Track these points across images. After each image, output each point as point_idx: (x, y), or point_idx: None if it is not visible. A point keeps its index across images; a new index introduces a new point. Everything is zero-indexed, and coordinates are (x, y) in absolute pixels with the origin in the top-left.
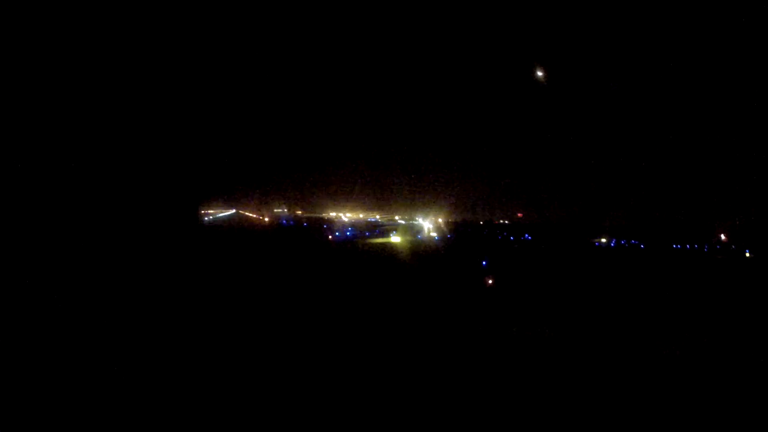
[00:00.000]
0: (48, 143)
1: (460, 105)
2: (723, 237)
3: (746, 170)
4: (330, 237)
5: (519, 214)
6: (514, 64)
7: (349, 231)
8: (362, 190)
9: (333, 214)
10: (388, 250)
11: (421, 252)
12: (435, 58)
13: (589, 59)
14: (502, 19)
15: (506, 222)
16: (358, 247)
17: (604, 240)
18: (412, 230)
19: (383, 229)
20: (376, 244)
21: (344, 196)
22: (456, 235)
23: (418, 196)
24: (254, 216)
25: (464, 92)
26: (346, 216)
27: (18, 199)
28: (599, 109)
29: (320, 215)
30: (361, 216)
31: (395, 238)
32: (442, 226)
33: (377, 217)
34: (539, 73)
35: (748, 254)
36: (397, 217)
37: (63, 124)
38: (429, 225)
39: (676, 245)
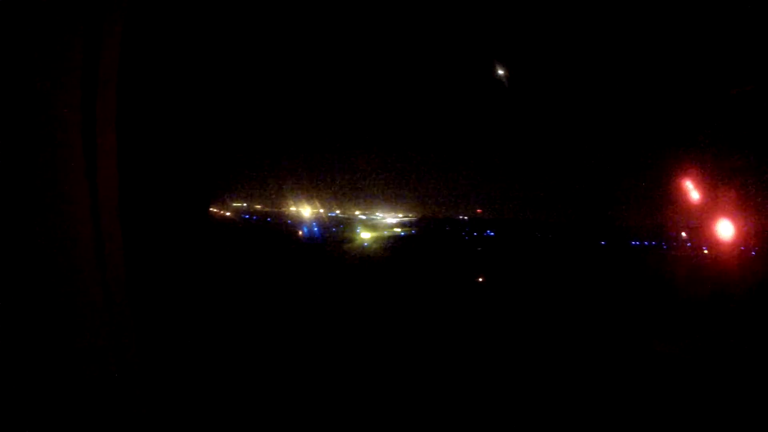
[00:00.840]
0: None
1: (421, 100)
2: (684, 235)
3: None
4: (300, 233)
5: (478, 210)
6: (477, 60)
7: (315, 227)
8: (321, 185)
9: (293, 209)
10: (361, 245)
11: (394, 247)
12: (395, 51)
13: (547, 56)
14: (461, 16)
15: (466, 218)
16: (330, 242)
17: (565, 237)
18: (377, 225)
19: (349, 225)
20: (348, 239)
21: (303, 191)
22: (421, 231)
23: (377, 192)
24: (215, 210)
25: (426, 88)
26: (306, 211)
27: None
28: (559, 107)
29: (279, 210)
30: (321, 211)
31: (365, 234)
32: (404, 221)
33: (337, 212)
34: (500, 72)
35: (706, 251)
36: (357, 212)
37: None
38: (392, 220)
39: (635, 242)
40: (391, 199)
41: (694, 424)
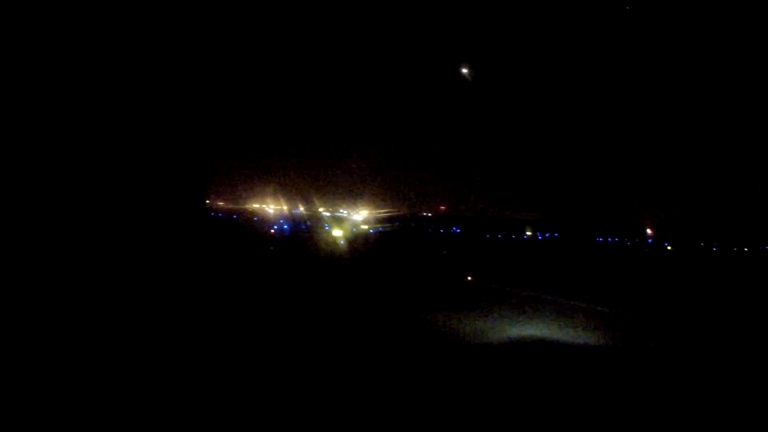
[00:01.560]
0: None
1: (383, 97)
2: (649, 231)
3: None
4: (272, 230)
5: (442, 207)
6: (441, 56)
7: (284, 224)
8: (283, 181)
9: (256, 206)
10: (337, 242)
11: (371, 244)
12: (360, 49)
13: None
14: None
15: (430, 215)
16: (303, 239)
17: (529, 233)
18: (346, 222)
19: (317, 222)
20: (322, 236)
21: (265, 187)
22: (389, 228)
23: (340, 189)
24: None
25: (388, 84)
26: (270, 208)
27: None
28: (522, 102)
29: (243, 207)
30: (284, 208)
31: (336, 232)
32: (370, 218)
33: (301, 208)
34: (464, 70)
35: (669, 247)
36: (321, 209)
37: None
38: (358, 217)
39: (599, 238)
40: (355, 196)
41: (692, 422)
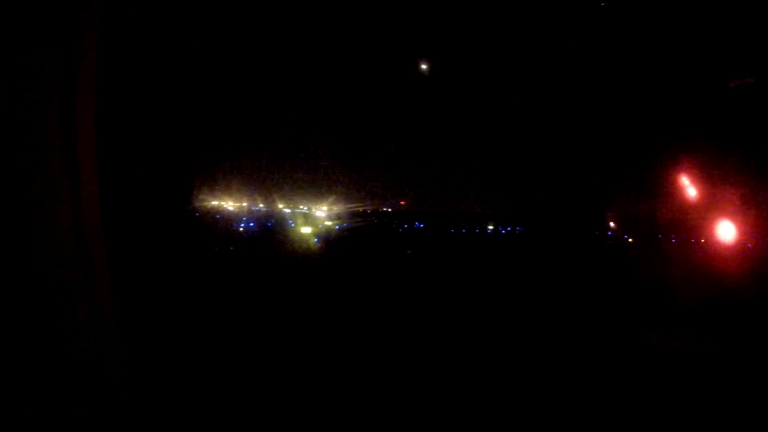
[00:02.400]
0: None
1: (343, 94)
2: (612, 224)
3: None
4: (241, 228)
5: (402, 202)
6: (403, 53)
7: (249, 222)
8: (241, 178)
9: (214, 203)
10: (309, 240)
11: (345, 241)
12: (320, 48)
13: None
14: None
15: (390, 210)
16: (276, 238)
17: (491, 227)
18: (311, 219)
19: (282, 219)
20: (291, 234)
21: (224, 184)
22: (352, 224)
23: (298, 185)
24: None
25: (348, 79)
26: (229, 205)
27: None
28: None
29: (203, 204)
30: (244, 205)
31: (305, 229)
32: (333, 215)
33: (261, 205)
34: (423, 66)
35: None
36: (281, 206)
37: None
38: (321, 214)
39: (563, 233)
40: (313, 192)
41: (692, 420)
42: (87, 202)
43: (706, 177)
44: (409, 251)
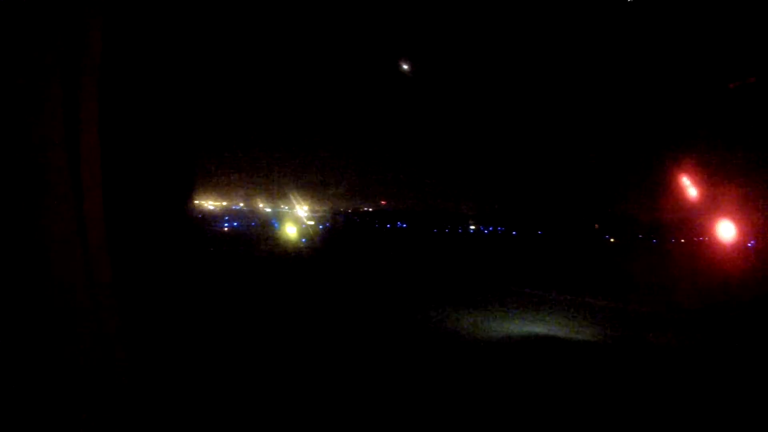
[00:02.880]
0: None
1: (324, 94)
2: (595, 226)
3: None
4: (226, 227)
5: (383, 202)
6: (381, 56)
7: (233, 222)
8: (219, 177)
9: (195, 202)
10: (297, 241)
11: (335, 241)
12: (295, 47)
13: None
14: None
15: (370, 209)
16: (264, 238)
17: (473, 227)
18: (294, 219)
19: (265, 219)
20: (277, 235)
21: (204, 183)
22: (335, 224)
23: (280, 185)
24: None
25: (325, 79)
26: (210, 204)
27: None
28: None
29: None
30: (224, 203)
31: (291, 229)
32: (315, 214)
33: (241, 204)
34: (405, 66)
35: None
36: (261, 205)
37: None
38: (304, 214)
39: (540, 231)
40: (295, 191)
41: (692, 418)
42: (89, 200)
43: (706, 177)
44: (394, 252)
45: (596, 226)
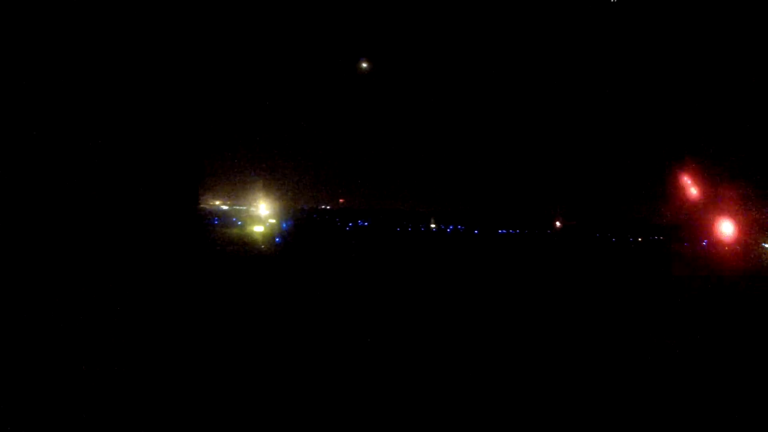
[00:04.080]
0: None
1: (275, 88)
2: (558, 224)
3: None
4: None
5: (341, 200)
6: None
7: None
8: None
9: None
10: (265, 239)
11: (307, 239)
12: (253, 46)
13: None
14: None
15: (329, 207)
16: (234, 237)
17: (433, 226)
18: (256, 217)
19: (225, 217)
20: (243, 232)
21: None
22: (296, 222)
23: (232, 182)
24: None
25: (288, 75)
26: None
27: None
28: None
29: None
30: None
31: (258, 228)
32: (274, 213)
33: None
34: (364, 65)
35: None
36: (217, 202)
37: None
38: (265, 211)
39: (503, 230)
40: (253, 189)
41: (692, 417)
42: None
43: (705, 177)
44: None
45: (558, 223)
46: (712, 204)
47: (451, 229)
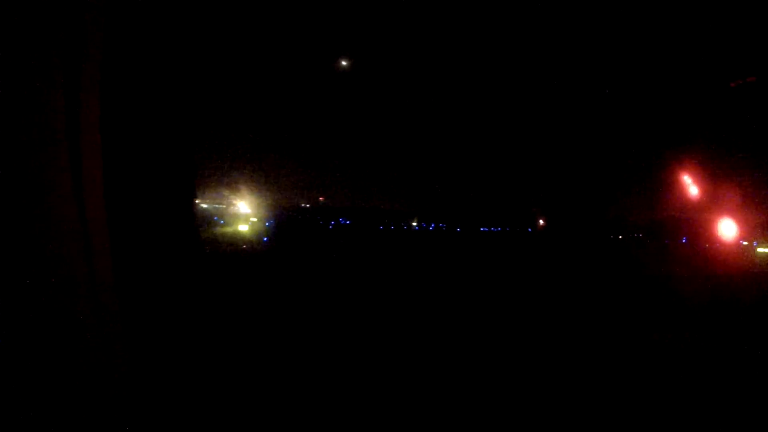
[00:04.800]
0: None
1: (254, 86)
2: (541, 222)
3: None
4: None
5: (321, 198)
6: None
7: None
8: None
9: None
10: (254, 237)
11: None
12: (233, 44)
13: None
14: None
15: (308, 206)
16: (223, 236)
17: (415, 224)
18: (236, 217)
19: (205, 216)
20: (228, 231)
21: None
22: (279, 220)
23: (211, 180)
24: None
25: (265, 72)
26: None
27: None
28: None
29: None
30: None
31: (242, 227)
32: (258, 210)
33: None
34: (343, 62)
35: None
36: (196, 202)
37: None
38: (244, 210)
39: (484, 228)
40: (233, 188)
41: (692, 416)
42: (91, 201)
43: (706, 176)
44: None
45: (541, 221)
46: (696, 201)
47: (433, 227)
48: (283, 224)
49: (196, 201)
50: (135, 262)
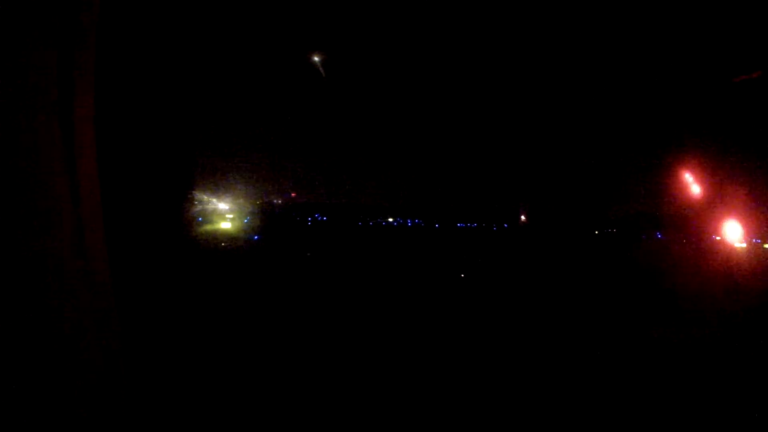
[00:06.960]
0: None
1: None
2: (523, 218)
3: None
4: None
5: (293, 194)
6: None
7: None
8: None
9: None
10: (239, 234)
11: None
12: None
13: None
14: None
15: (280, 201)
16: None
17: (390, 219)
18: (215, 214)
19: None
20: (214, 229)
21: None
22: (258, 217)
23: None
24: None
25: (242, 68)
26: None
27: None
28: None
29: None
30: None
31: (225, 224)
32: (237, 208)
33: None
34: (317, 58)
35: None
36: None
37: None
38: (223, 208)
39: (462, 224)
40: (208, 185)
41: (692, 414)
42: (87, 199)
43: (708, 174)
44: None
45: (524, 218)
46: (699, 198)
47: (410, 224)
48: (263, 221)
49: (193, 197)
50: (131, 260)
